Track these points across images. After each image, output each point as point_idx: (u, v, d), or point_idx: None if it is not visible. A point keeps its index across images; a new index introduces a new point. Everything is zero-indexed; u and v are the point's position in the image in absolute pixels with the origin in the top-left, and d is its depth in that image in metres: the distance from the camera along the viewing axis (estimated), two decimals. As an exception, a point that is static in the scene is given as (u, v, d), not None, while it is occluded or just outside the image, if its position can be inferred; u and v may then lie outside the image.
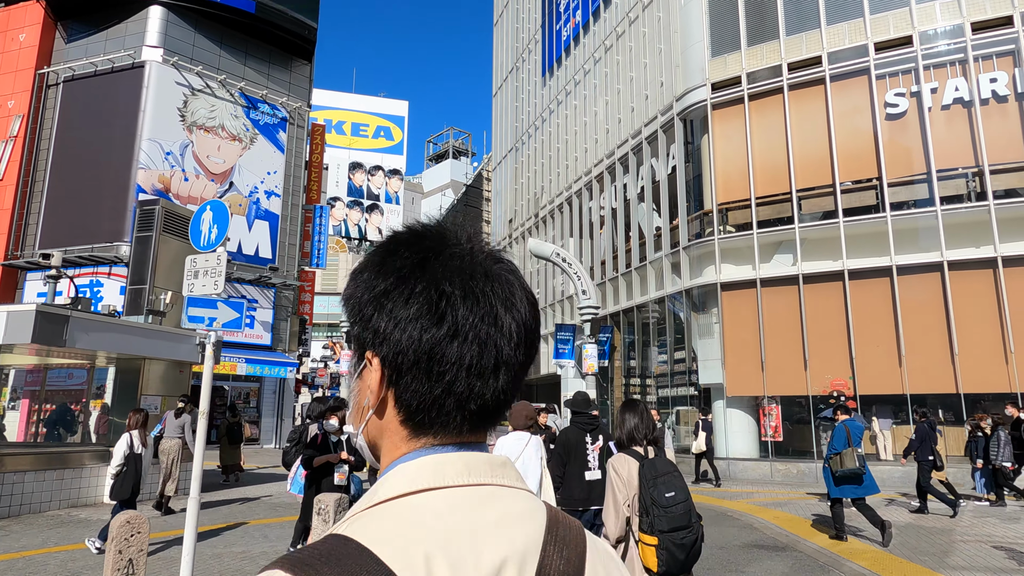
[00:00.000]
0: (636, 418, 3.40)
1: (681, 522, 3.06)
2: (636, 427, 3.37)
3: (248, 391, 23.91)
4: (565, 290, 25.75)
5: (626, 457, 3.32)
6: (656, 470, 3.18)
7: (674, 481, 3.16)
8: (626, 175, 22.04)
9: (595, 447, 5.40)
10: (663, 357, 19.53)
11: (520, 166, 32.22)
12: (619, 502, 3.19)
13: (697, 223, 18.29)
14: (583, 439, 5.41)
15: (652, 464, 3.21)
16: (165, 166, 22.55)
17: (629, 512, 3.18)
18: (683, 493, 3.16)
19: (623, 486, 3.23)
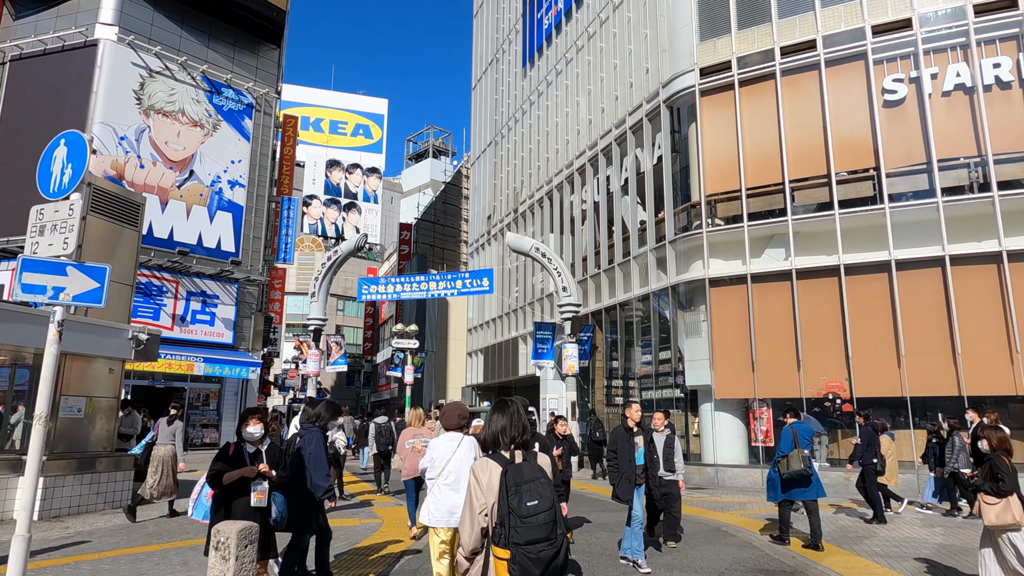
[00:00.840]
0: (505, 419, 3.15)
1: (540, 534, 2.83)
2: (504, 429, 3.11)
3: (208, 393, 22.49)
4: (545, 288, 24.68)
5: (488, 461, 3.05)
6: (521, 476, 2.94)
7: (540, 488, 2.92)
8: (609, 167, 21.04)
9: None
10: (647, 358, 18.53)
11: (499, 161, 31.13)
12: (475, 510, 2.95)
13: (684, 216, 17.32)
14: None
15: (517, 469, 2.96)
16: (119, 152, 21.10)
17: (487, 522, 2.93)
18: (548, 502, 2.89)
19: (481, 493, 2.97)
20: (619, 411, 20.02)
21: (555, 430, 8.46)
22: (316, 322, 22.81)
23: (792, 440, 8.15)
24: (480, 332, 31.61)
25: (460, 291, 21.38)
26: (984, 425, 6.54)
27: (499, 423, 3.16)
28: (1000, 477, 5.16)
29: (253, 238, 23.82)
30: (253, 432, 4.73)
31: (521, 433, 3.13)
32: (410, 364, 32.99)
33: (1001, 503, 5.08)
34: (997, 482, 5.16)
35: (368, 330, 59.82)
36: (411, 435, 8.28)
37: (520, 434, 3.13)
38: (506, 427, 3.14)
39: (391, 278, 22.76)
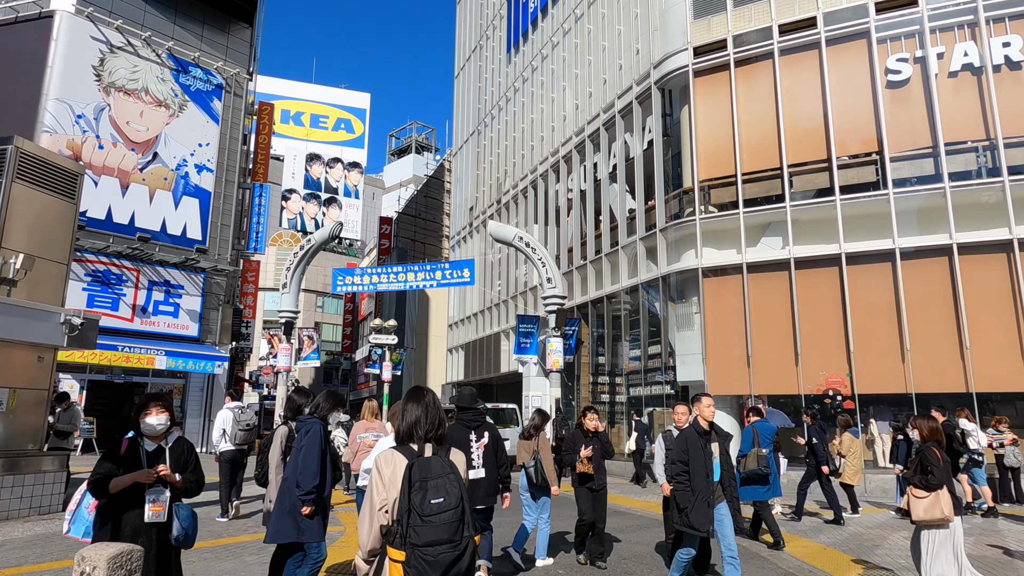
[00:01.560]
0: (419, 410, 2.92)
1: (443, 535, 2.61)
2: (418, 421, 2.89)
3: (171, 388, 21.21)
4: (528, 280, 23.70)
5: (394, 453, 2.84)
6: (428, 471, 2.72)
7: (448, 485, 2.70)
8: (597, 154, 20.10)
9: (479, 444, 5.23)
10: (636, 352, 17.62)
11: (482, 150, 30.10)
12: (375, 506, 2.73)
13: (676, 203, 16.43)
14: (467, 436, 5.22)
15: (425, 464, 2.75)
16: (75, 130, 19.77)
17: (387, 519, 2.71)
18: (455, 499, 2.68)
19: (383, 487, 2.76)
20: (606, 409, 19.10)
21: (584, 425, 6.96)
22: (288, 314, 21.66)
23: (752, 439, 8.13)
24: (461, 327, 30.56)
25: (440, 283, 20.34)
26: (916, 415, 6.07)
27: (414, 414, 2.89)
28: (929, 470, 4.92)
29: (221, 225, 22.57)
30: (154, 424, 3.69)
31: (436, 426, 2.88)
32: (388, 360, 31.85)
33: (930, 497, 4.88)
34: (926, 475, 4.93)
35: (347, 326, 58.49)
36: (363, 428, 7.79)
37: (435, 427, 2.87)
38: (420, 419, 2.86)
39: (367, 269, 21.66)
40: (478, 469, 5.20)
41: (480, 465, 5.22)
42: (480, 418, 5.35)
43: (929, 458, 5.00)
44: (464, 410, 5.40)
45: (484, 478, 5.24)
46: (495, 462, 5.36)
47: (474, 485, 5.14)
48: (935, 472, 4.92)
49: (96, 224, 19.69)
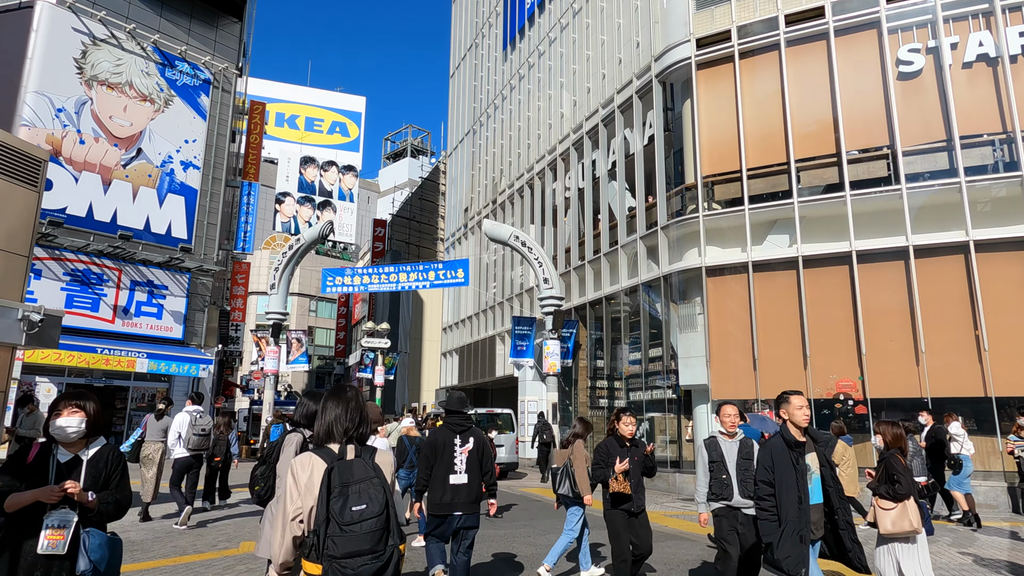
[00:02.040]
0: (339, 408, 2.65)
1: (364, 545, 2.38)
2: (337, 419, 2.62)
3: (154, 392, 20.44)
4: (525, 282, 23.06)
5: (311, 457, 2.54)
6: (350, 475, 2.47)
7: (371, 491, 2.46)
8: (595, 151, 19.51)
9: (464, 449, 5.12)
10: (636, 355, 16.97)
11: (477, 150, 29.50)
12: (288, 515, 2.46)
13: (678, 200, 15.82)
14: (452, 440, 5.13)
15: (347, 467, 2.50)
16: (56, 125, 19.07)
17: (302, 529, 2.46)
18: (378, 506, 2.44)
19: (297, 494, 2.47)
20: (604, 415, 18.44)
21: (618, 430, 5.69)
22: (276, 316, 20.98)
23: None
24: (455, 331, 29.88)
25: (433, 283, 19.69)
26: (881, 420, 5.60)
27: (332, 412, 2.66)
28: (896, 479, 4.63)
29: (208, 224, 21.86)
30: (64, 427, 3.01)
31: (356, 424, 2.66)
32: (381, 365, 31.13)
33: (897, 508, 4.59)
34: (893, 484, 4.63)
35: (341, 331, 57.74)
36: None
37: (355, 425, 2.66)
38: (340, 417, 2.64)
39: (358, 269, 20.99)
40: (460, 474, 5.06)
41: (463, 471, 5.07)
42: (467, 423, 5.21)
43: (895, 466, 4.68)
44: (451, 413, 5.24)
45: (466, 484, 5.06)
46: (479, 468, 5.17)
47: (455, 491, 5.02)
48: (902, 481, 4.61)
49: (76, 222, 18.98)
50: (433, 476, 5.04)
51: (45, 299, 18.07)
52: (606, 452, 5.57)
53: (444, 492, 4.99)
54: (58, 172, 18.88)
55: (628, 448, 5.62)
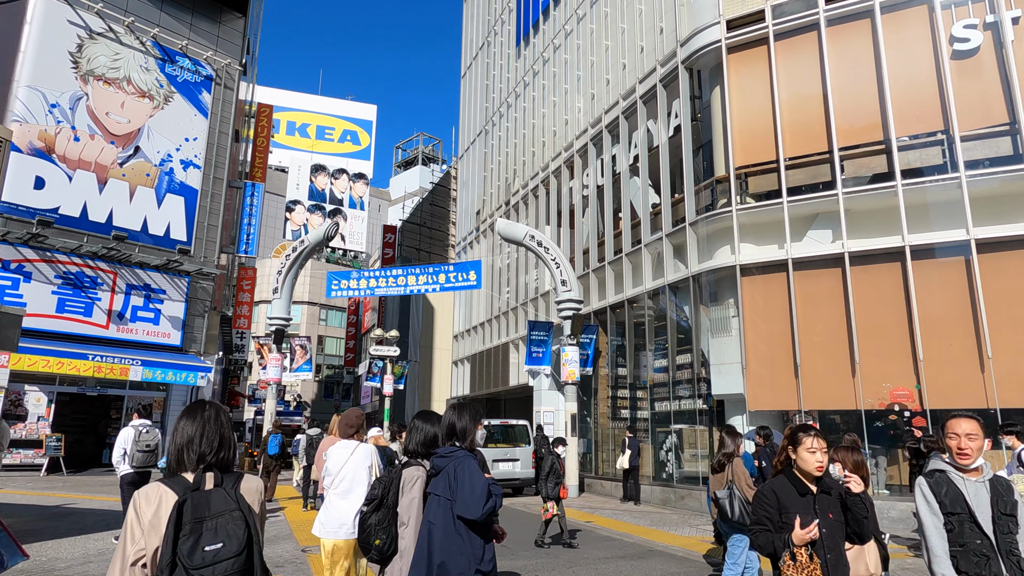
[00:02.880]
0: (194, 428, 2.28)
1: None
2: (191, 442, 2.26)
3: (151, 402, 19.43)
4: (540, 285, 21.90)
5: (159, 488, 2.17)
6: (205, 508, 2.13)
7: (230, 526, 2.13)
8: (615, 145, 18.37)
9: None
10: (662, 363, 15.73)
11: (490, 151, 28.46)
12: (127, 559, 2.07)
13: (707, 194, 14.64)
14: None
15: (202, 500, 2.14)
16: (49, 121, 18.22)
17: (147, 574, 2.08)
18: (236, 544, 2.11)
19: (140, 532, 2.11)
20: (624, 426, 17.18)
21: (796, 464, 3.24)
22: (279, 322, 19.94)
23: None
24: (467, 339, 28.73)
25: (444, 286, 18.59)
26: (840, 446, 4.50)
27: (186, 433, 2.26)
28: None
29: (208, 226, 20.91)
30: None
31: (215, 448, 2.26)
32: (390, 374, 30.01)
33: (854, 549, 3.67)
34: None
35: (350, 339, 56.80)
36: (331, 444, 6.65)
37: (213, 449, 2.26)
38: (194, 440, 2.25)
39: (364, 272, 19.94)
40: None
41: None
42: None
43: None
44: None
45: None
46: None
47: None
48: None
49: (69, 222, 18.08)
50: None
51: (35, 303, 17.15)
52: (774, 503, 3.15)
53: None
54: (51, 170, 18.01)
55: (816, 496, 3.16)
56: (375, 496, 3.30)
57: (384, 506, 3.27)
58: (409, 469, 3.30)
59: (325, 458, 7.72)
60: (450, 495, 3.06)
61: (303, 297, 64.28)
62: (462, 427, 3.30)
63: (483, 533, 3.11)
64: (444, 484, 3.11)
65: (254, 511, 2.22)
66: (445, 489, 3.09)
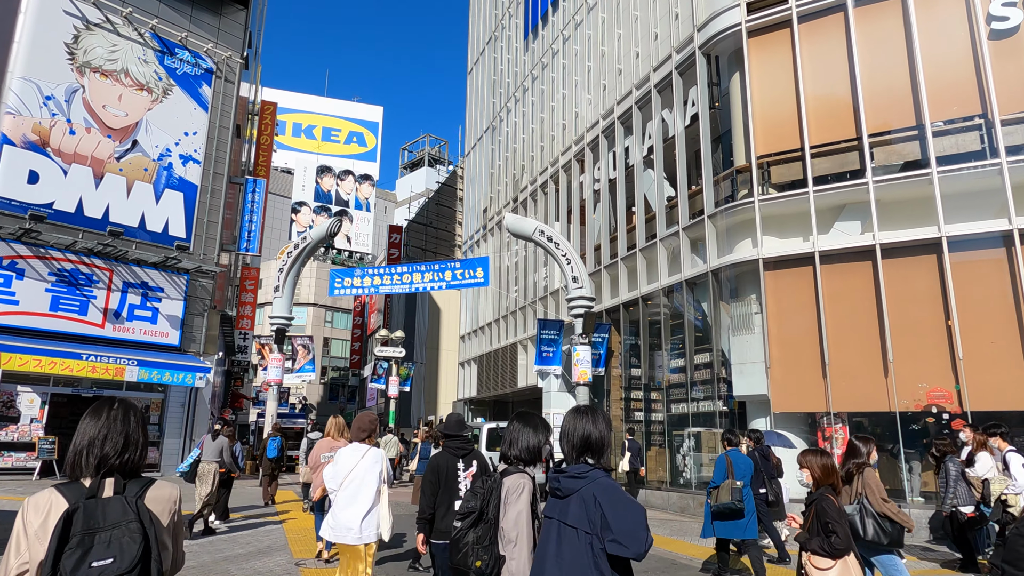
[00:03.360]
0: (96, 428, 2.05)
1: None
2: (92, 444, 2.03)
3: (148, 404, 18.83)
4: (549, 284, 21.21)
5: (50, 494, 1.98)
6: (100, 519, 1.91)
7: (123, 540, 1.90)
8: (628, 137, 17.69)
9: (467, 474, 4.75)
10: (678, 363, 15.01)
11: (497, 147, 27.82)
12: (9, 570, 1.93)
13: (727, 185, 13.93)
14: (455, 465, 4.71)
15: (96, 509, 1.91)
16: (43, 113, 17.66)
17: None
18: (127, 560, 1.87)
19: (26, 543, 1.91)
20: (641, 429, 16.47)
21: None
22: (280, 321, 19.33)
23: (725, 469, 7.26)
24: (474, 339, 28.06)
25: (450, 283, 17.92)
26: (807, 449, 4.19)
27: (88, 434, 2.03)
28: (832, 528, 3.62)
29: (208, 223, 20.32)
30: None
31: (119, 450, 2.03)
32: (395, 375, 29.37)
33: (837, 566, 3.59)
34: (828, 536, 3.62)
35: (356, 341, 56.27)
36: (327, 447, 7.19)
37: (117, 451, 2.03)
38: (95, 441, 2.02)
39: (368, 269, 19.29)
40: None
41: None
42: (468, 445, 4.93)
43: (829, 512, 3.68)
44: (451, 437, 4.87)
45: None
46: None
47: None
48: (839, 532, 3.62)
49: (64, 217, 17.51)
50: (438, 503, 4.63)
51: (28, 301, 16.59)
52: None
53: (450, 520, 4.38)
54: (45, 164, 17.45)
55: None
56: (471, 509, 2.84)
57: (484, 520, 2.79)
58: (512, 477, 2.82)
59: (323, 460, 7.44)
60: (590, 527, 2.41)
61: (309, 299, 63.89)
62: (598, 438, 2.62)
63: (627, 573, 2.48)
64: (580, 513, 2.45)
65: (160, 523, 2.02)
66: (581, 519, 2.44)
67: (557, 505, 2.53)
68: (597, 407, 2.79)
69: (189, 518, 9.16)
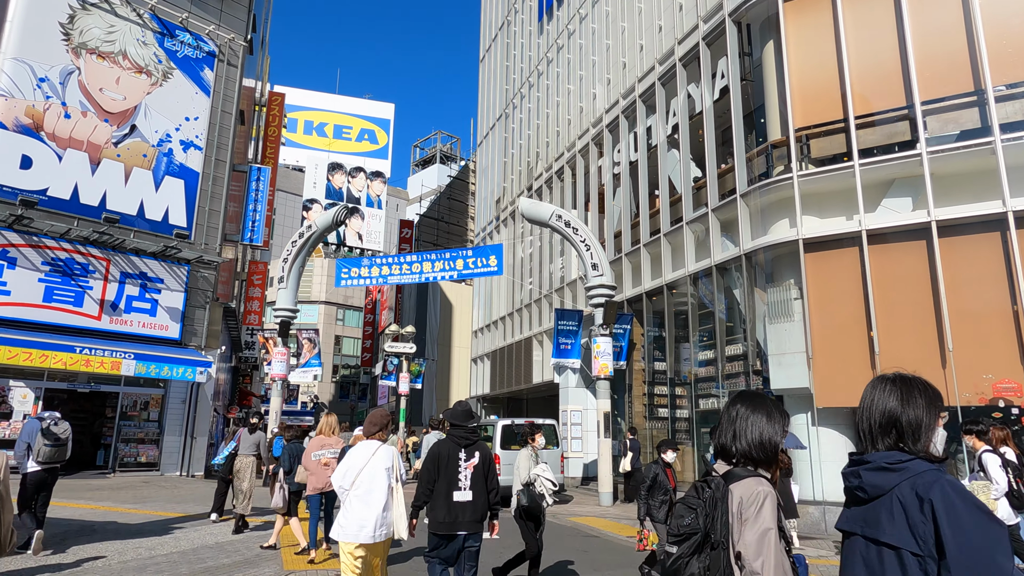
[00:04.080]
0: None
1: None
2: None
3: (147, 399, 18.03)
4: (566, 274, 20.19)
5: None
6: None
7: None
8: (651, 116, 16.64)
9: (469, 464, 4.80)
10: (707, 355, 13.95)
11: (510, 135, 26.84)
12: None
13: (761, 161, 12.86)
14: (456, 454, 4.80)
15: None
16: (37, 96, 16.90)
17: None
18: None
19: None
20: (664, 427, 15.43)
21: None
22: (284, 314, 18.46)
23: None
24: (487, 334, 27.08)
25: (461, 272, 16.97)
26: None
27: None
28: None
29: (210, 211, 19.49)
30: None
31: None
32: (406, 372, 28.48)
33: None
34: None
35: (367, 339, 55.59)
36: (318, 446, 7.20)
37: None
38: None
39: (376, 258, 18.38)
40: (465, 491, 4.73)
41: (468, 487, 4.74)
42: (472, 436, 4.88)
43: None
44: (456, 427, 4.88)
45: (471, 501, 4.73)
46: (484, 485, 4.82)
47: (460, 508, 4.68)
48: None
49: (59, 205, 16.74)
50: (435, 492, 4.69)
51: (20, 291, 15.82)
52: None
53: (447, 510, 4.66)
54: (38, 148, 16.69)
55: None
56: (692, 529, 2.05)
57: (708, 544, 2.06)
58: (744, 484, 2.03)
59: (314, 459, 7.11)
60: (918, 546, 1.56)
61: (320, 297, 63.38)
62: (914, 419, 1.78)
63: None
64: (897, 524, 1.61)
65: None
66: (903, 534, 1.59)
67: (858, 515, 1.71)
68: (916, 379, 1.78)
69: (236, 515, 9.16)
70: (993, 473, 6.15)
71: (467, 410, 5.02)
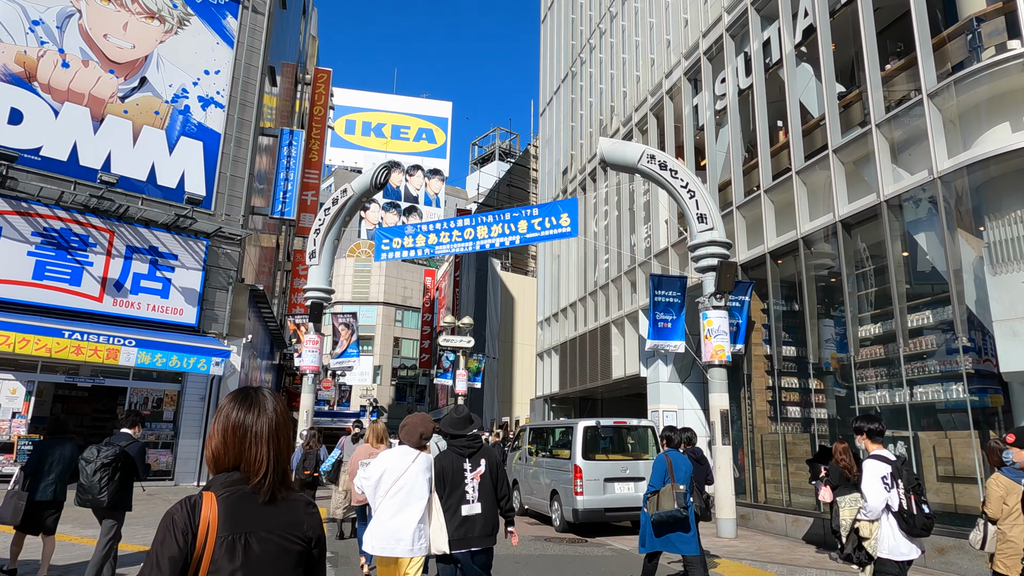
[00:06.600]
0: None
1: None
2: None
3: (160, 396, 15.36)
4: (652, 243, 16.44)
5: None
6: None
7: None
8: (768, 27, 12.82)
9: (475, 475, 4.44)
10: (873, 330, 10.00)
11: (577, 95, 23.32)
12: None
13: (960, 45, 8.90)
14: (461, 466, 4.43)
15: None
16: (30, 40, 14.52)
17: None
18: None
19: None
20: (798, 431, 11.53)
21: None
22: (315, 294, 15.55)
23: (665, 472, 5.96)
24: (554, 324, 23.56)
25: (525, 237, 13.55)
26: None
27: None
28: None
29: (232, 177, 16.77)
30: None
31: None
32: (463, 368, 25.29)
33: None
34: None
35: (425, 339, 53.05)
36: (365, 454, 6.70)
37: None
38: None
39: (421, 224, 15.19)
40: (473, 504, 4.35)
41: (476, 499, 4.36)
42: (475, 443, 4.49)
43: None
44: (455, 437, 4.50)
45: (481, 514, 4.34)
46: (494, 494, 4.45)
47: (469, 522, 4.31)
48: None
49: (54, 166, 14.29)
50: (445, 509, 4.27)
51: (5, 266, 13.37)
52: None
53: (457, 526, 4.26)
54: (31, 101, 14.29)
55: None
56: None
57: None
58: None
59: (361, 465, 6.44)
60: None
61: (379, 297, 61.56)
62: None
63: None
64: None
65: None
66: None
67: None
68: None
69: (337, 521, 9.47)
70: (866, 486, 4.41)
71: (466, 416, 4.65)
